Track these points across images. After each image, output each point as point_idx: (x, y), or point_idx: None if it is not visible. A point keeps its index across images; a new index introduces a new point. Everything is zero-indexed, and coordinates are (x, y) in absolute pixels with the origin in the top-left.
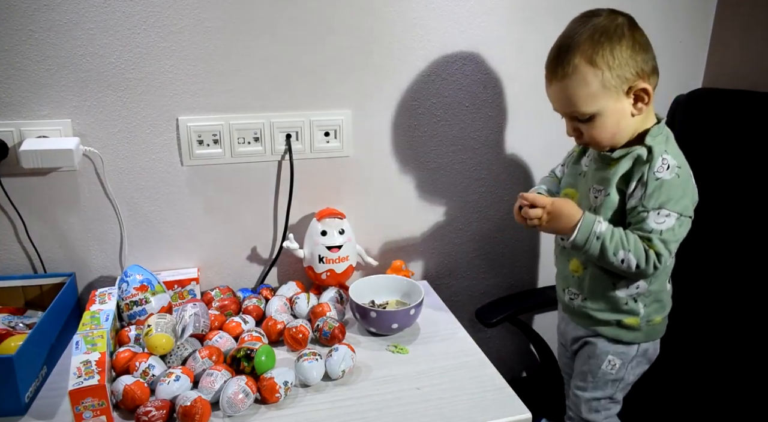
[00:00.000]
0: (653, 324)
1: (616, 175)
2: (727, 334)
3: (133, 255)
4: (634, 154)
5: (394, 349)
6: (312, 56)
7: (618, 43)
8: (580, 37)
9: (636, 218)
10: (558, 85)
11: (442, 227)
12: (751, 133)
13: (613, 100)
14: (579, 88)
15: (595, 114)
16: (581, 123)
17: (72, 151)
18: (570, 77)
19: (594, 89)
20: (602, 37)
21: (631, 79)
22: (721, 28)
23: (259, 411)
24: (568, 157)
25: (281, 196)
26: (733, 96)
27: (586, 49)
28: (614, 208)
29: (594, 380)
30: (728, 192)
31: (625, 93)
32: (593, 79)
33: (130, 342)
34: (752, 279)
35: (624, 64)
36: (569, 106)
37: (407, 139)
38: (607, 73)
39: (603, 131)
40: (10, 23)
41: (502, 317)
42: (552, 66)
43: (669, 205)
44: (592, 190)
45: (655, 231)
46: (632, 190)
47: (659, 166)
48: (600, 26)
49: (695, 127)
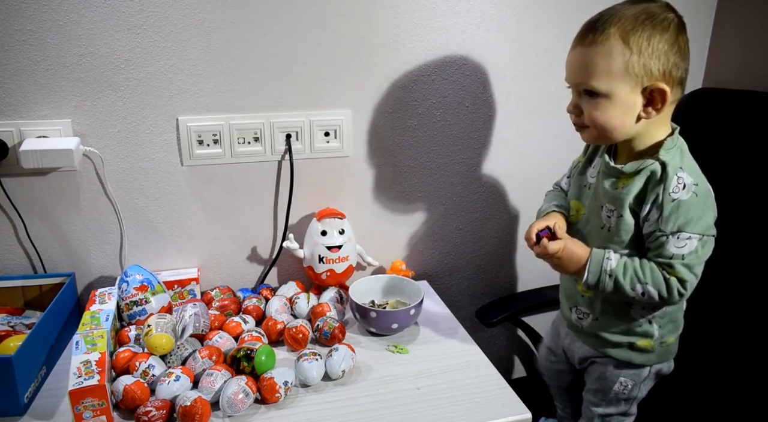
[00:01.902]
0: (666, 345)
1: (629, 194)
2: (736, 336)
3: (133, 255)
4: (647, 171)
5: (394, 349)
6: (312, 56)
7: (659, 33)
8: (626, 11)
9: (654, 243)
10: (582, 50)
11: (442, 227)
12: (752, 132)
13: (628, 88)
14: (601, 59)
15: (604, 94)
16: (587, 100)
17: (72, 151)
18: (597, 45)
19: (615, 66)
20: (647, 20)
21: (656, 75)
22: (721, 28)
23: (259, 411)
24: (573, 167)
25: (281, 196)
26: (735, 96)
27: (626, 24)
28: (630, 231)
29: (606, 399)
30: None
31: (643, 88)
32: (619, 55)
33: (130, 342)
34: (755, 281)
35: (656, 55)
36: (582, 75)
37: (407, 139)
38: (634, 57)
39: (605, 117)
40: (10, 23)
41: (502, 317)
42: (584, 30)
43: (689, 228)
44: (604, 209)
45: (677, 257)
46: (647, 212)
47: (675, 186)
48: (650, 10)
49: (697, 127)
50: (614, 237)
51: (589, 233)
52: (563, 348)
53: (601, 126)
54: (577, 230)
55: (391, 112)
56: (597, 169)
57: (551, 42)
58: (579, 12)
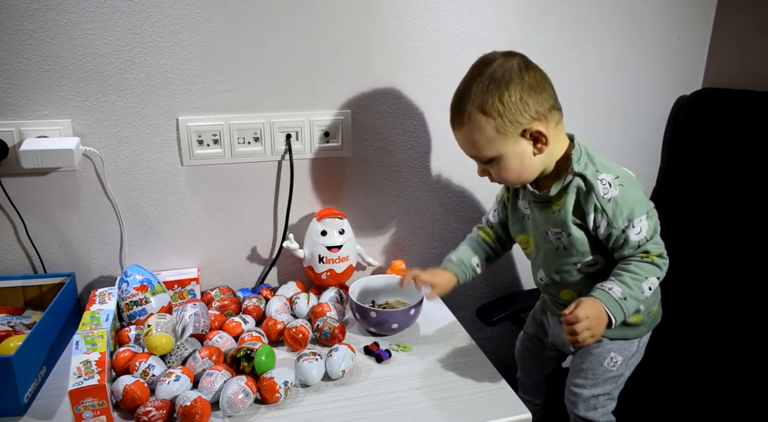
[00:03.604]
0: (653, 314)
1: (567, 214)
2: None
3: (133, 255)
4: (573, 187)
5: (397, 348)
6: (312, 56)
7: (506, 90)
8: (474, 86)
9: (618, 243)
10: (460, 132)
11: (442, 227)
12: (753, 132)
13: (511, 143)
14: (475, 135)
15: (496, 157)
16: (488, 165)
17: (72, 151)
18: (466, 125)
19: (490, 135)
20: (491, 84)
21: (526, 122)
22: (721, 28)
23: (259, 411)
24: (498, 202)
25: (281, 196)
26: (735, 96)
27: (478, 98)
28: (584, 243)
29: (594, 378)
30: (730, 191)
31: (521, 135)
32: (487, 126)
33: (130, 342)
34: (753, 276)
35: (515, 109)
36: (472, 150)
37: (407, 139)
38: (499, 120)
39: (508, 172)
40: (10, 23)
41: (503, 316)
42: (453, 114)
43: (636, 214)
44: (551, 234)
45: (642, 241)
46: (593, 221)
47: (602, 188)
48: (491, 73)
49: (697, 127)
50: (572, 252)
51: (546, 258)
52: (551, 336)
53: (510, 179)
54: (534, 258)
55: (391, 112)
56: (526, 199)
57: (551, 42)
58: (579, 12)
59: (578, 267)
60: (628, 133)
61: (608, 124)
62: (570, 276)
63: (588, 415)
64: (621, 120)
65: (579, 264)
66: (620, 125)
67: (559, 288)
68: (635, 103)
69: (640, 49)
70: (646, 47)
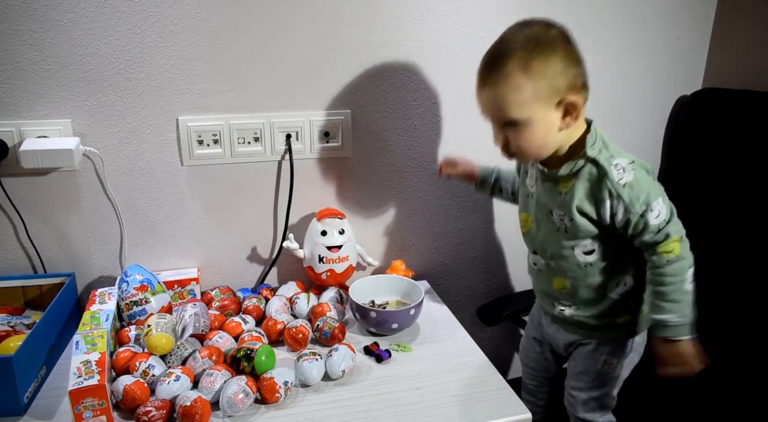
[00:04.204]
0: (643, 315)
1: (573, 200)
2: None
3: (133, 255)
4: (585, 174)
5: (398, 348)
6: (312, 56)
7: (552, 54)
8: (515, 45)
9: (637, 229)
10: (490, 90)
11: (442, 227)
12: (753, 132)
13: (543, 110)
14: (511, 94)
15: (525, 121)
16: (510, 130)
17: (72, 151)
18: (503, 83)
19: (526, 96)
20: (537, 46)
21: (563, 91)
22: (721, 28)
23: (259, 411)
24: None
25: (281, 196)
26: (735, 96)
27: (520, 57)
28: (587, 230)
29: (591, 380)
30: (730, 191)
31: (555, 105)
32: (525, 86)
33: (130, 342)
34: (753, 276)
35: (557, 74)
36: (499, 111)
37: (407, 139)
38: (539, 82)
39: (530, 141)
40: (10, 23)
41: (502, 315)
42: (485, 72)
43: (652, 197)
44: (554, 214)
45: (662, 224)
46: (610, 208)
47: (617, 174)
48: (535, 35)
49: (697, 127)
50: (573, 236)
51: (545, 238)
52: (548, 338)
53: (530, 149)
54: (531, 239)
55: (391, 112)
56: (533, 178)
57: None
58: (579, 12)
59: (575, 252)
60: (628, 133)
61: (608, 123)
62: (564, 262)
63: (587, 417)
64: (621, 120)
65: (576, 249)
66: (620, 125)
67: (552, 275)
68: (635, 103)
69: (640, 48)
70: (646, 47)
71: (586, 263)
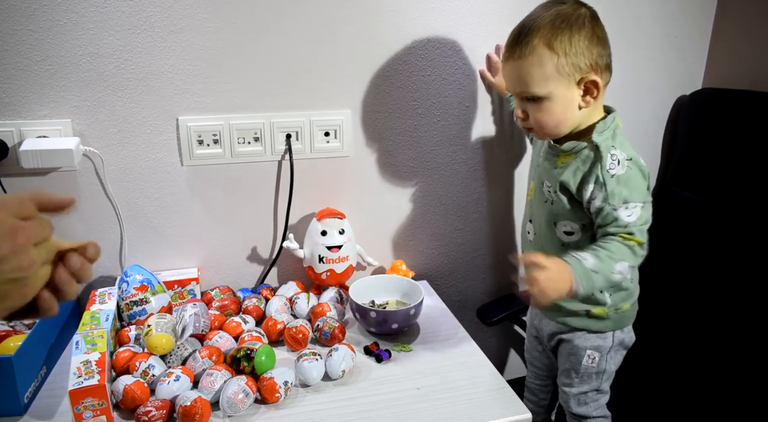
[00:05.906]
0: (621, 312)
1: (561, 175)
2: (718, 329)
3: (133, 255)
4: (582, 155)
5: (397, 348)
6: (312, 56)
7: (577, 32)
8: (542, 21)
9: (607, 218)
10: (514, 63)
11: (442, 227)
12: (753, 132)
13: (563, 86)
14: (533, 68)
15: (545, 97)
16: (530, 104)
17: (72, 151)
18: (527, 57)
19: (548, 72)
20: (563, 23)
21: (585, 69)
22: (721, 28)
23: (259, 411)
24: None
25: (281, 196)
26: (735, 96)
27: (546, 33)
28: (564, 206)
29: (578, 376)
30: (730, 191)
31: (577, 83)
32: (548, 61)
33: (130, 342)
34: (753, 277)
35: (580, 52)
36: (522, 85)
37: (407, 139)
38: (562, 59)
39: (549, 116)
40: (10, 23)
41: (503, 316)
42: (511, 45)
43: (633, 198)
44: (544, 185)
45: (631, 224)
46: (590, 192)
47: (611, 163)
48: (563, 13)
49: (697, 126)
50: (559, 211)
51: (537, 208)
52: (535, 327)
53: (548, 125)
54: (530, 206)
55: (391, 112)
56: (542, 149)
57: None
58: None
59: (557, 229)
60: (627, 133)
61: None
62: (548, 237)
63: (580, 411)
64: (621, 119)
65: (558, 225)
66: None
67: (537, 248)
68: (635, 103)
69: (640, 49)
70: (645, 47)
71: (565, 243)
